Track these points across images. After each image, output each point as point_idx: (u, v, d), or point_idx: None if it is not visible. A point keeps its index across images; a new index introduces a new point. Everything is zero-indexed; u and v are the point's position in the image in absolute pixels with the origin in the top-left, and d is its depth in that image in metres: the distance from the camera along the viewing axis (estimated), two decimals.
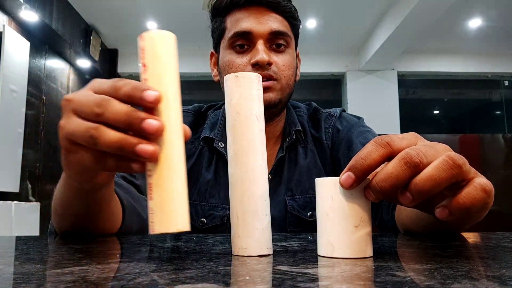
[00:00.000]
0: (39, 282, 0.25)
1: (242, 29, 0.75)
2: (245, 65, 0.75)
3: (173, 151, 0.33)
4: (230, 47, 0.77)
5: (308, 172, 0.81)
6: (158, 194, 0.33)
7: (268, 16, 0.76)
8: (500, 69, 5.14)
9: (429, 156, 0.33)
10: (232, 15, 0.78)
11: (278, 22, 0.76)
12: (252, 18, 0.75)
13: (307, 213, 0.79)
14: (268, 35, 0.75)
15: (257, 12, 0.76)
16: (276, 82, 0.75)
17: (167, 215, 0.32)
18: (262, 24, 0.75)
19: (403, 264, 0.31)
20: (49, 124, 3.76)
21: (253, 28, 0.75)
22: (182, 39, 3.53)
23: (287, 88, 0.78)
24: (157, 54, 0.35)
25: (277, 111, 0.79)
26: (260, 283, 0.25)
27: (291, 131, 0.82)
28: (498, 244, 0.43)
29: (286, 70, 0.76)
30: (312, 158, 0.83)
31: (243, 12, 0.76)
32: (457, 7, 3.66)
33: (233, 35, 0.76)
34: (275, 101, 0.75)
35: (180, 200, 0.33)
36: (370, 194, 0.34)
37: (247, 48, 0.76)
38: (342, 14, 4.12)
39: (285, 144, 0.81)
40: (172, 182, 0.33)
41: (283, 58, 0.77)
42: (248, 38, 0.75)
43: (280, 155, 0.80)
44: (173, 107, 0.34)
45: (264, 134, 0.39)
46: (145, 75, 0.35)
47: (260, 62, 0.73)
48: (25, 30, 3.32)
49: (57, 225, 0.57)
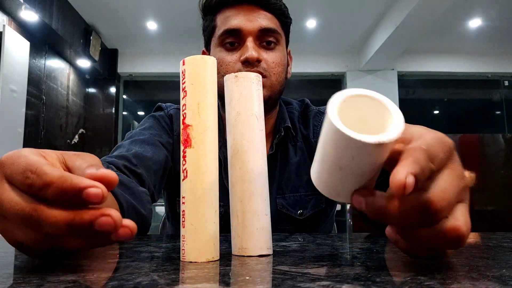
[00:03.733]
0: (39, 282, 0.25)
1: (232, 27, 0.75)
2: (235, 62, 0.75)
3: (209, 180, 0.34)
4: (220, 44, 0.78)
5: (298, 170, 0.81)
6: (191, 223, 0.33)
7: (258, 14, 0.76)
8: (500, 69, 5.13)
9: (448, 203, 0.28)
10: (222, 13, 0.78)
11: (267, 20, 0.77)
12: (241, 16, 0.76)
13: (297, 212, 0.79)
14: (257, 32, 0.75)
15: (246, 9, 0.76)
16: (266, 79, 0.75)
17: (199, 246, 0.33)
18: (251, 22, 0.75)
19: (403, 264, 0.31)
20: (49, 124, 3.76)
21: (242, 25, 0.75)
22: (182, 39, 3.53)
23: (277, 85, 0.77)
24: (197, 80, 0.35)
25: (268, 108, 0.79)
26: (260, 283, 0.25)
27: (281, 128, 0.82)
28: (498, 244, 0.43)
29: (275, 67, 0.76)
30: (302, 156, 0.83)
31: (233, 10, 0.77)
32: (457, 7, 3.66)
33: (223, 33, 0.76)
34: (264, 98, 0.75)
35: (212, 231, 0.33)
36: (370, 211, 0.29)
37: (237, 46, 0.76)
38: (342, 14, 4.12)
39: (274, 142, 0.81)
40: (205, 212, 0.33)
41: (273, 55, 0.77)
42: (238, 35, 0.76)
43: (270, 153, 0.80)
44: (209, 135, 0.34)
45: (264, 134, 0.39)
46: (184, 100, 0.35)
47: (250, 59, 0.73)
48: (25, 30, 3.32)
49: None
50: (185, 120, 0.35)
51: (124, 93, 5.16)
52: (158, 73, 4.96)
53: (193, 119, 0.34)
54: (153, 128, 0.80)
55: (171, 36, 4.52)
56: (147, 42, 4.64)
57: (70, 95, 4.26)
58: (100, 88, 4.78)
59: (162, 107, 0.87)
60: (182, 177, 0.34)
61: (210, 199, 0.33)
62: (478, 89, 5.59)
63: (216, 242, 0.33)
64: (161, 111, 0.86)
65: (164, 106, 0.87)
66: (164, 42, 4.65)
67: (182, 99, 0.35)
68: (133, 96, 5.48)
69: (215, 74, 0.36)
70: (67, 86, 4.20)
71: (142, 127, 0.81)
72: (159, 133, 0.79)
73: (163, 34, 4.46)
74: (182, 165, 0.34)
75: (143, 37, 4.53)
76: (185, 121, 0.34)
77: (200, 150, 0.34)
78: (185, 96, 0.35)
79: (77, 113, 4.45)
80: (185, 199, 0.33)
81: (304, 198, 0.80)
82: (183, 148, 0.34)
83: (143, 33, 4.45)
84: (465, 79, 5.32)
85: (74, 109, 4.37)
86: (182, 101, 0.35)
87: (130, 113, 5.45)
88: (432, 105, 5.99)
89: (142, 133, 0.77)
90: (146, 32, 4.42)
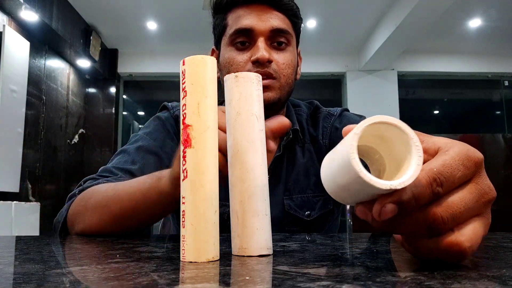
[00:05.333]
0: (39, 282, 0.25)
1: (243, 26, 0.75)
2: (246, 62, 0.75)
3: (209, 180, 0.34)
4: (231, 44, 0.77)
5: (305, 171, 0.81)
6: (190, 223, 0.33)
7: (270, 14, 0.76)
8: (500, 69, 5.13)
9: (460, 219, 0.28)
10: (234, 12, 0.78)
11: (279, 20, 0.76)
12: (253, 15, 0.75)
13: (304, 213, 0.79)
14: (269, 33, 0.75)
15: (258, 9, 0.76)
16: (275, 80, 0.75)
17: (199, 246, 0.33)
18: (263, 22, 0.75)
19: (403, 264, 0.31)
20: (49, 124, 3.76)
21: (254, 25, 0.75)
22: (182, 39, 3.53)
23: (286, 86, 0.77)
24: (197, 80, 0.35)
25: (276, 110, 0.79)
26: (260, 283, 0.25)
27: (289, 130, 0.82)
28: (498, 244, 0.43)
29: (286, 69, 0.76)
30: (310, 158, 0.83)
31: (245, 9, 0.77)
32: (457, 7, 3.65)
33: (234, 32, 0.76)
34: (274, 100, 0.75)
35: (212, 231, 0.33)
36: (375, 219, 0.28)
37: (248, 46, 0.76)
38: (342, 14, 4.12)
39: (282, 143, 0.81)
40: (206, 212, 0.33)
41: (284, 56, 0.76)
42: (249, 35, 0.75)
43: (277, 154, 0.80)
44: (210, 136, 0.34)
45: (264, 134, 0.39)
46: (184, 100, 0.35)
47: (260, 60, 0.73)
48: (25, 30, 3.32)
49: (89, 223, 0.60)
50: (185, 120, 0.35)
51: (124, 93, 5.16)
52: (158, 73, 4.96)
53: (193, 119, 0.34)
54: (158, 131, 0.81)
55: (171, 36, 4.52)
56: (147, 42, 4.64)
57: (70, 95, 4.26)
58: (100, 88, 4.78)
59: (168, 107, 0.87)
60: (182, 177, 0.34)
61: (210, 199, 0.33)
62: (478, 89, 5.59)
63: (216, 242, 0.33)
64: (166, 111, 0.86)
65: (170, 106, 0.87)
66: (164, 42, 4.65)
67: (182, 99, 0.35)
68: (133, 96, 5.48)
69: (215, 74, 0.36)
70: (67, 86, 4.20)
71: (147, 130, 0.82)
72: (163, 139, 0.79)
73: (163, 34, 4.46)
74: (182, 165, 0.34)
75: (143, 37, 4.53)
76: (185, 121, 0.34)
77: (200, 150, 0.34)
78: (185, 96, 0.35)
79: (77, 113, 4.45)
80: (185, 199, 0.33)
81: (312, 199, 0.80)
82: (183, 148, 0.34)
83: (143, 33, 4.45)
84: (465, 79, 5.32)
85: (74, 109, 4.37)
86: (182, 101, 0.35)
87: (130, 113, 5.46)
88: (432, 105, 5.99)
89: (146, 139, 0.78)
90: (146, 32, 4.42)
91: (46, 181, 3.70)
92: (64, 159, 4.08)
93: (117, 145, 4.81)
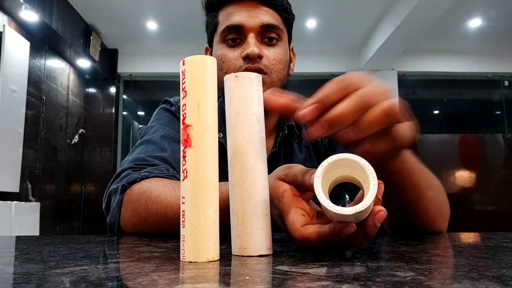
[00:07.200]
0: (39, 282, 0.25)
1: (233, 23, 0.76)
2: (237, 58, 0.75)
3: (209, 180, 0.34)
4: (222, 41, 0.78)
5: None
6: (190, 223, 0.33)
7: (260, 10, 0.76)
8: (500, 69, 5.13)
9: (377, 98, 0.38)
10: (225, 10, 0.78)
11: (269, 16, 0.77)
12: (243, 12, 0.76)
13: None
14: (259, 28, 0.75)
15: (248, 6, 0.76)
16: (266, 76, 0.75)
17: (198, 246, 0.33)
18: (253, 18, 0.75)
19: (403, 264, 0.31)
20: (49, 124, 3.76)
21: (244, 21, 0.75)
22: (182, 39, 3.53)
23: (278, 82, 0.77)
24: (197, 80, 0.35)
25: None
26: (260, 283, 0.25)
27: (284, 126, 0.82)
28: (498, 244, 0.43)
29: (277, 64, 0.76)
30: (307, 154, 0.83)
31: (235, 6, 0.77)
32: (457, 7, 3.65)
33: (225, 29, 0.77)
34: None
35: (212, 231, 0.33)
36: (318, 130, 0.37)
37: (239, 42, 0.77)
38: (342, 14, 4.12)
39: (277, 139, 0.81)
40: (206, 212, 0.33)
41: (274, 52, 0.77)
42: (240, 31, 0.76)
43: (273, 150, 0.80)
44: (209, 135, 0.34)
45: (264, 134, 0.39)
46: (184, 100, 0.35)
47: (251, 55, 0.73)
48: (25, 30, 3.32)
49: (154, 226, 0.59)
50: (185, 120, 0.35)
51: (124, 93, 5.16)
52: (158, 73, 4.96)
53: (193, 119, 0.34)
54: (173, 122, 0.81)
55: (171, 36, 4.52)
56: (147, 42, 4.64)
57: (70, 95, 4.26)
58: (100, 88, 4.78)
59: (171, 102, 0.87)
60: (182, 177, 0.34)
61: (210, 199, 0.33)
62: (478, 89, 5.59)
63: (216, 242, 0.33)
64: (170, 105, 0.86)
65: (173, 101, 0.87)
66: (164, 42, 4.64)
67: (182, 99, 0.35)
68: (133, 96, 5.48)
69: (215, 74, 0.36)
70: (67, 86, 4.20)
71: (162, 121, 0.81)
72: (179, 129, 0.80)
73: (163, 34, 4.46)
74: (182, 165, 0.34)
75: (143, 37, 4.53)
76: (185, 121, 0.35)
77: (200, 150, 0.34)
78: (185, 96, 0.35)
79: (77, 113, 4.46)
80: (185, 199, 0.33)
81: None
82: (183, 148, 0.34)
83: (143, 33, 4.45)
84: (465, 79, 5.32)
85: (74, 109, 4.38)
86: (182, 101, 0.35)
87: (130, 113, 5.45)
88: (432, 105, 5.99)
89: (166, 129, 0.79)
90: (146, 32, 4.42)
91: (46, 181, 3.70)
92: (64, 159, 4.08)
93: (117, 145, 4.81)
